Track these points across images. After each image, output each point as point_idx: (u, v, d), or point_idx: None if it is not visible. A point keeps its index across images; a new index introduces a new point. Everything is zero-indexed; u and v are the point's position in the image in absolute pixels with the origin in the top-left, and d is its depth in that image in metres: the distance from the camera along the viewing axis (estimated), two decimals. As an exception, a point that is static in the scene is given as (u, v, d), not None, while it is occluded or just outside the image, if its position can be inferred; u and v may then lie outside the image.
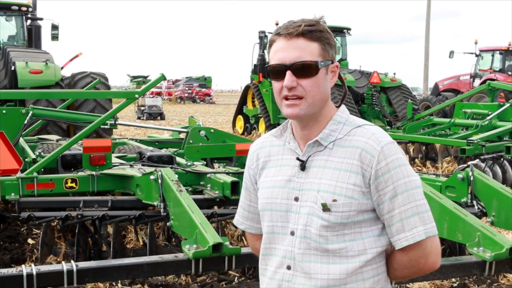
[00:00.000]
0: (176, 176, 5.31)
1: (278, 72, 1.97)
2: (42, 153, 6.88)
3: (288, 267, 2.02)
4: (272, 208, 2.06)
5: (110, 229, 5.76)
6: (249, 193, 2.25)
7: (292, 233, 2.01)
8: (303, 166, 2.02)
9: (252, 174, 2.20)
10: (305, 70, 1.95)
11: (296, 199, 2.01)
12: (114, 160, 6.32)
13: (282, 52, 1.96)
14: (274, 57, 1.99)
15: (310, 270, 1.98)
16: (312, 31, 1.95)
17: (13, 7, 14.44)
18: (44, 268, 3.85)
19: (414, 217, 1.95)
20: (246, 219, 2.29)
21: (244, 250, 4.19)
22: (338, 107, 2.09)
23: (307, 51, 1.95)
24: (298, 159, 2.03)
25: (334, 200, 1.94)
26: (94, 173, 5.84)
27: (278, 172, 2.08)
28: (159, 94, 46.60)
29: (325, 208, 1.94)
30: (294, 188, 2.02)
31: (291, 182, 2.03)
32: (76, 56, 15.51)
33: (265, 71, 2.01)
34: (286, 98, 1.97)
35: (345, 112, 2.08)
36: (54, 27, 15.07)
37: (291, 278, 2.01)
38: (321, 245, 1.96)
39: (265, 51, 18.50)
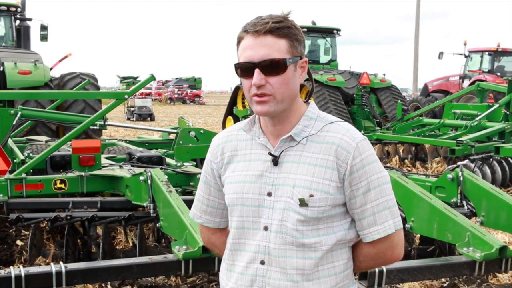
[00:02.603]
0: (166, 177, 5.30)
1: (246, 69, 1.97)
2: (31, 154, 6.84)
3: (262, 262, 2.02)
4: (243, 203, 2.05)
5: (99, 230, 5.74)
6: (208, 187, 2.24)
7: (266, 228, 2.01)
8: (275, 161, 2.02)
9: (216, 168, 2.18)
10: (273, 67, 1.95)
11: (269, 194, 2.02)
12: (104, 161, 6.30)
13: (250, 50, 1.95)
14: (243, 54, 1.98)
15: (286, 265, 1.99)
16: (279, 27, 1.95)
17: (2, 7, 14.35)
18: (33, 269, 3.82)
19: (385, 211, 2.01)
20: (204, 213, 2.27)
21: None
22: (306, 102, 2.11)
23: (275, 48, 1.95)
24: (270, 154, 2.03)
25: (311, 195, 1.96)
26: (83, 174, 5.82)
27: (247, 167, 2.08)
28: (148, 95, 46.54)
29: (303, 203, 1.96)
30: (267, 183, 2.02)
31: (262, 177, 2.03)
32: (66, 57, 15.46)
33: (236, 68, 2.03)
34: (255, 95, 1.97)
35: (316, 108, 2.10)
36: (43, 28, 15.00)
37: (266, 273, 2.02)
38: (297, 239, 1.98)
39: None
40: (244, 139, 2.13)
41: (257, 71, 1.94)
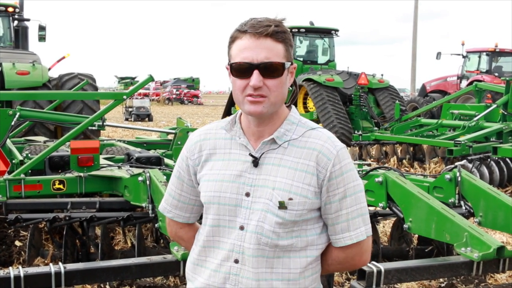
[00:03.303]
0: (164, 177, 5.30)
1: (244, 70, 1.99)
2: (29, 155, 6.84)
3: (236, 261, 2.06)
4: (220, 202, 2.08)
5: (98, 231, 5.74)
6: (181, 183, 2.26)
7: (242, 228, 2.05)
8: (256, 162, 2.05)
9: (192, 165, 2.20)
10: (272, 70, 1.98)
11: (247, 194, 2.05)
12: (102, 161, 6.31)
13: (250, 51, 1.97)
14: (240, 55, 1.99)
15: (258, 265, 2.03)
16: (278, 32, 1.99)
17: (0, 8, 14.34)
18: (32, 270, 3.82)
19: (359, 218, 2.07)
20: (174, 207, 2.30)
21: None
22: (289, 107, 2.14)
23: (274, 52, 1.98)
24: (251, 155, 2.06)
25: (290, 199, 2.00)
26: (82, 174, 5.82)
27: (226, 166, 2.10)
28: (146, 95, 46.53)
29: (282, 206, 2.00)
30: (245, 183, 2.05)
31: (241, 177, 2.06)
32: (64, 57, 15.43)
33: (230, 68, 2.03)
34: (249, 96, 1.99)
35: (297, 113, 2.14)
36: (41, 28, 14.98)
37: (239, 272, 2.05)
38: (273, 241, 2.02)
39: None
40: (224, 137, 2.15)
41: (256, 72, 1.96)
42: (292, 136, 2.06)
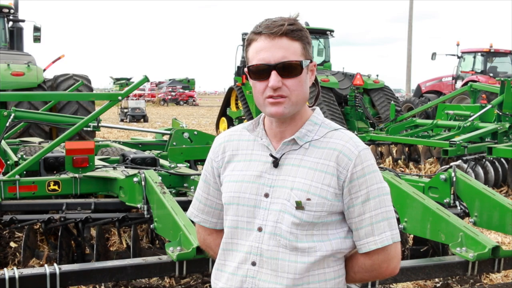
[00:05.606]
0: (160, 178, 5.29)
1: (261, 72, 1.96)
2: (24, 156, 6.83)
3: (253, 263, 2.02)
4: (239, 203, 2.05)
5: (93, 232, 5.73)
6: (208, 186, 2.24)
7: (260, 229, 2.01)
8: (276, 163, 2.03)
9: (216, 166, 2.18)
10: (290, 70, 1.95)
11: (266, 195, 2.02)
12: (97, 162, 6.30)
13: (266, 52, 1.94)
14: (256, 57, 1.97)
15: (278, 268, 1.99)
16: (294, 30, 1.95)
17: (-5, 9, 14.30)
18: (27, 271, 3.81)
19: (384, 222, 1.99)
20: (201, 212, 2.27)
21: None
22: (311, 107, 2.12)
23: (291, 50, 1.95)
24: (271, 155, 2.04)
25: (308, 199, 1.96)
26: (77, 175, 5.80)
27: (247, 167, 2.08)
28: (140, 96, 46.48)
29: (299, 206, 1.96)
30: (265, 184, 2.03)
31: (261, 178, 2.04)
32: (59, 58, 15.39)
33: (248, 71, 2.00)
34: (270, 97, 1.96)
35: (321, 114, 2.10)
36: (36, 29, 14.95)
37: (256, 275, 2.01)
38: (291, 242, 1.98)
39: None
40: (247, 139, 2.13)
41: (274, 73, 1.94)
42: (313, 136, 2.02)
